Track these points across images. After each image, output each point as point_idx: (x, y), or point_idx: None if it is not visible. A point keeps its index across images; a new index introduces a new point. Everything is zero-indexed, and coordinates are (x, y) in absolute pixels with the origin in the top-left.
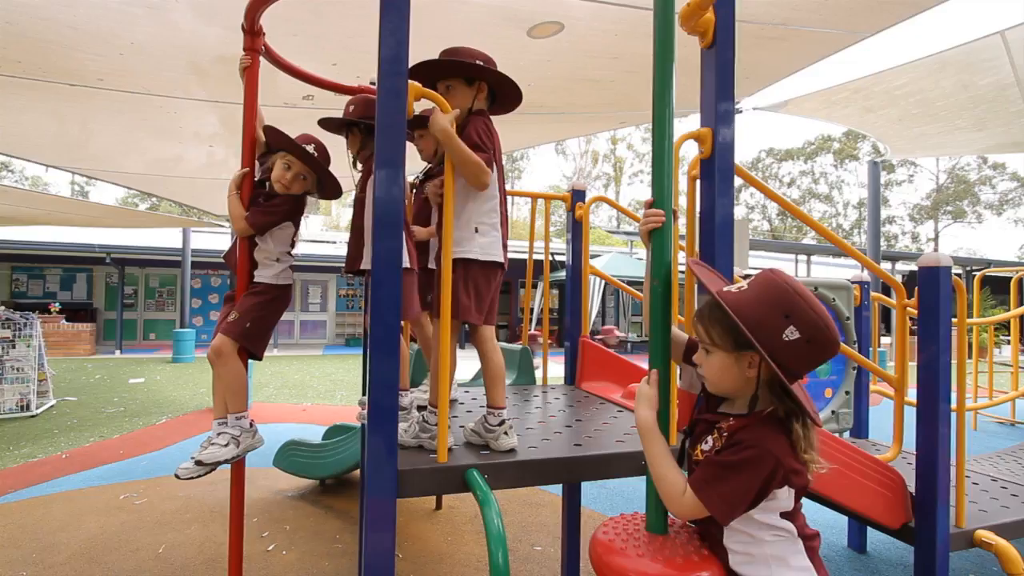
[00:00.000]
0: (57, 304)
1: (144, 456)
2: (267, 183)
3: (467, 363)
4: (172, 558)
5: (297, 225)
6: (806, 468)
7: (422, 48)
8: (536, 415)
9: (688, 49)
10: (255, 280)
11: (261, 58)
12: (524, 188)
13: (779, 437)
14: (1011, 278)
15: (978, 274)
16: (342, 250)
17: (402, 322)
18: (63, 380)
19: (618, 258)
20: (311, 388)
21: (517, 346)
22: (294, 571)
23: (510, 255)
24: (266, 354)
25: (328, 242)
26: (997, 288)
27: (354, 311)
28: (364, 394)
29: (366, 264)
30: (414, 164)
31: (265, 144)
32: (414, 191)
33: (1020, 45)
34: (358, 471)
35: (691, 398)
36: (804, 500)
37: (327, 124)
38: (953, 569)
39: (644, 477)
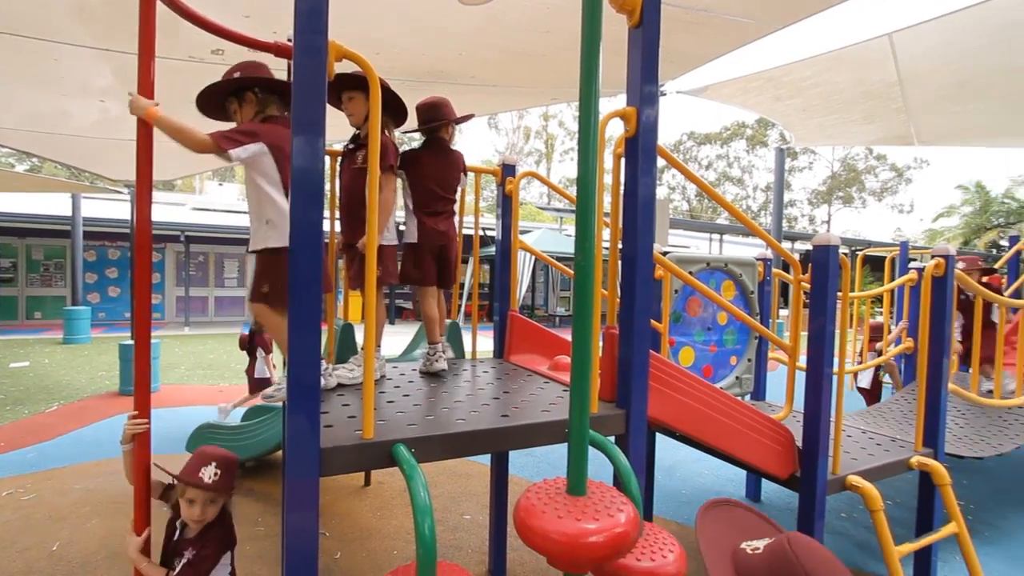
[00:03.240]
0: None
1: (31, 448)
2: (179, 523)
3: (394, 338)
4: (69, 555)
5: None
6: None
7: (346, 5)
8: (465, 388)
9: (621, 29)
10: None
11: (160, 3)
12: None
13: None
14: (885, 257)
15: (860, 253)
16: None
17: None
18: None
19: (548, 234)
20: (228, 368)
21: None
22: None
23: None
24: (176, 333)
25: (244, 212)
26: (876, 266)
27: None
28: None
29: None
30: (343, 132)
31: (161, 484)
32: (342, 161)
33: (903, 47)
34: (280, 452)
35: (612, 367)
36: (708, 456)
37: (204, 103)
38: (828, 510)
39: (567, 444)
